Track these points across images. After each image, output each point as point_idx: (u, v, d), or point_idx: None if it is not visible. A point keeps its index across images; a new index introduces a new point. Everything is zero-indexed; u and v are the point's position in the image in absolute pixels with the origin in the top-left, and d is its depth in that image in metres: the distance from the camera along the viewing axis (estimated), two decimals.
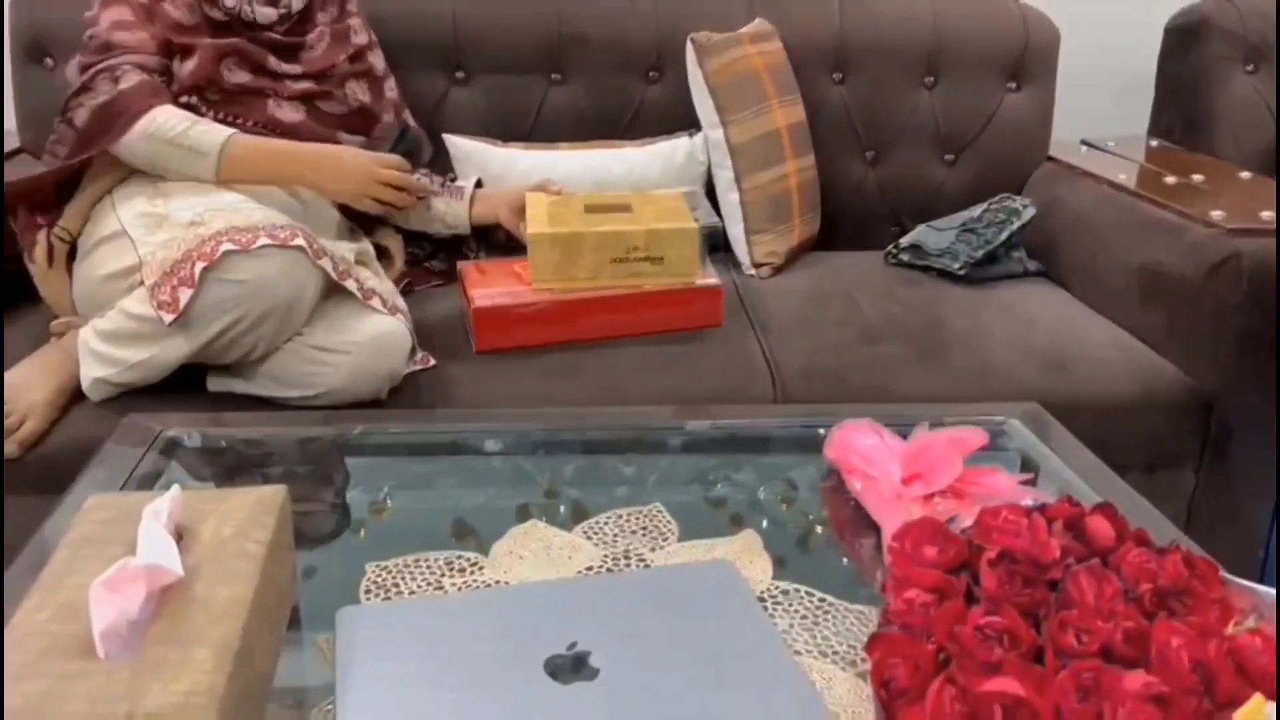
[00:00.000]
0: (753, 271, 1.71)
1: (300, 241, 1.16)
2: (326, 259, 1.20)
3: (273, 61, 1.44)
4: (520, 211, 1.49)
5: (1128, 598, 0.62)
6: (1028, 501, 0.68)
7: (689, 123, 1.73)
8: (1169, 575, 0.63)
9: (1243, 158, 1.97)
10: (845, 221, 1.89)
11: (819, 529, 0.94)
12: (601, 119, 1.79)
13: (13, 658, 0.57)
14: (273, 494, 0.74)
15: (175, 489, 0.70)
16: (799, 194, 1.74)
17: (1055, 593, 0.62)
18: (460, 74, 1.78)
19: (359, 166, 1.41)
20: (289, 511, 0.75)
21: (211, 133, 1.33)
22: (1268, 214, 1.48)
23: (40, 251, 1.35)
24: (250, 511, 0.72)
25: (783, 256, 1.73)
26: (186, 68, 1.38)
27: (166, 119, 1.31)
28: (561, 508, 0.91)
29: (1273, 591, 0.64)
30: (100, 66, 1.33)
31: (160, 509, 0.68)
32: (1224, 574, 0.66)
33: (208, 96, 1.39)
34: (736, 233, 1.72)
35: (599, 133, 1.76)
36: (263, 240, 1.14)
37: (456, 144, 1.70)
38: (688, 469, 1.10)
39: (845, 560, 0.90)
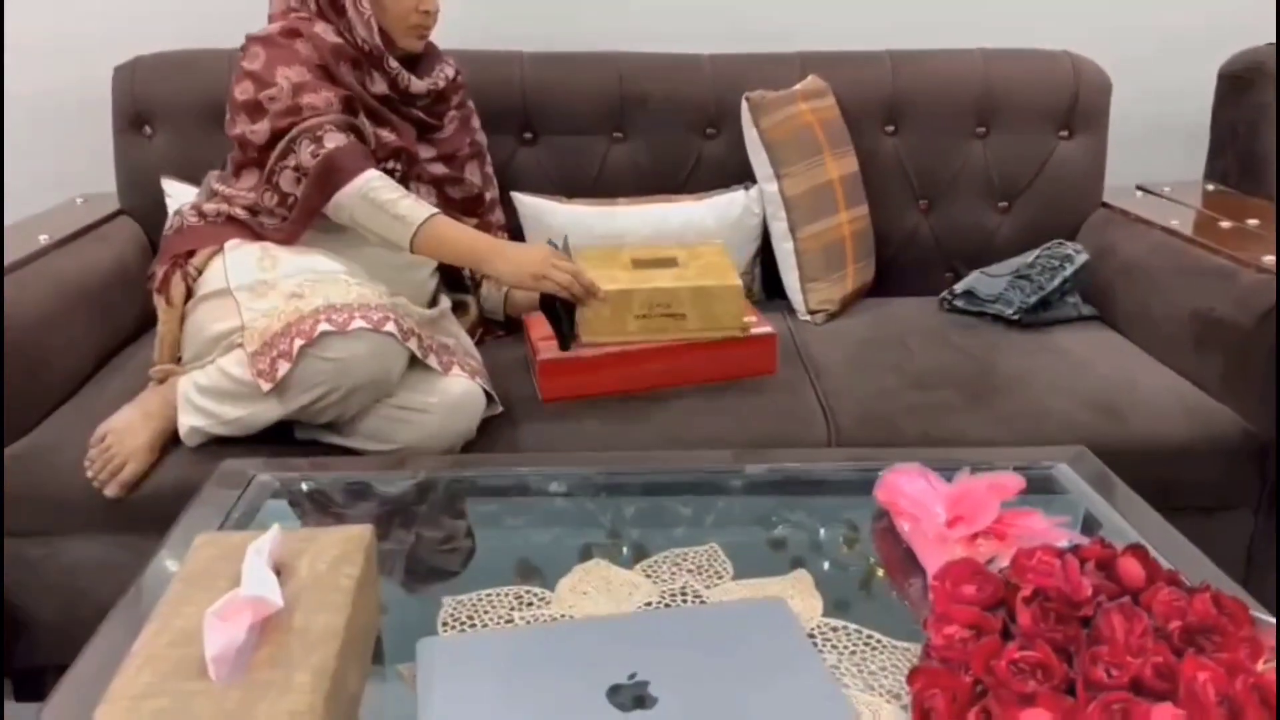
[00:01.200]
0: (808, 318, 1.76)
1: (391, 327, 1.24)
2: (414, 339, 1.28)
3: (412, 141, 1.51)
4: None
5: (1158, 635, 0.65)
6: (1062, 543, 0.71)
7: (745, 176, 1.80)
8: (1198, 613, 0.66)
9: None
10: (900, 268, 1.93)
11: (869, 569, 0.98)
12: (660, 174, 1.86)
13: (138, 679, 0.64)
14: (360, 533, 0.81)
15: (275, 528, 0.77)
16: (852, 242, 1.79)
17: (1087, 629, 0.66)
18: (528, 134, 1.87)
19: (540, 254, 1.38)
20: (374, 549, 0.82)
21: (418, 208, 1.37)
22: None
23: (175, 290, 1.41)
24: (341, 549, 0.79)
25: (837, 303, 1.77)
26: (382, 136, 1.44)
27: (382, 183, 1.37)
28: (623, 547, 0.97)
29: None
30: (301, 129, 1.36)
31: (261, 547, 0.75)
32: (1254, 613, 0.69)
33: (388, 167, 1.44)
34: (791, 281, 1.77)
35: (658, 187, 1.83)
36: (357, 323, 1.22)
37: (523, 201, 1.78)
38: (743, 511, 1.15)
39: (894, 598, 0.94)
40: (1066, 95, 1.91)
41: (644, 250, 1.54)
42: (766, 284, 1.88)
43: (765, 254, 1.84)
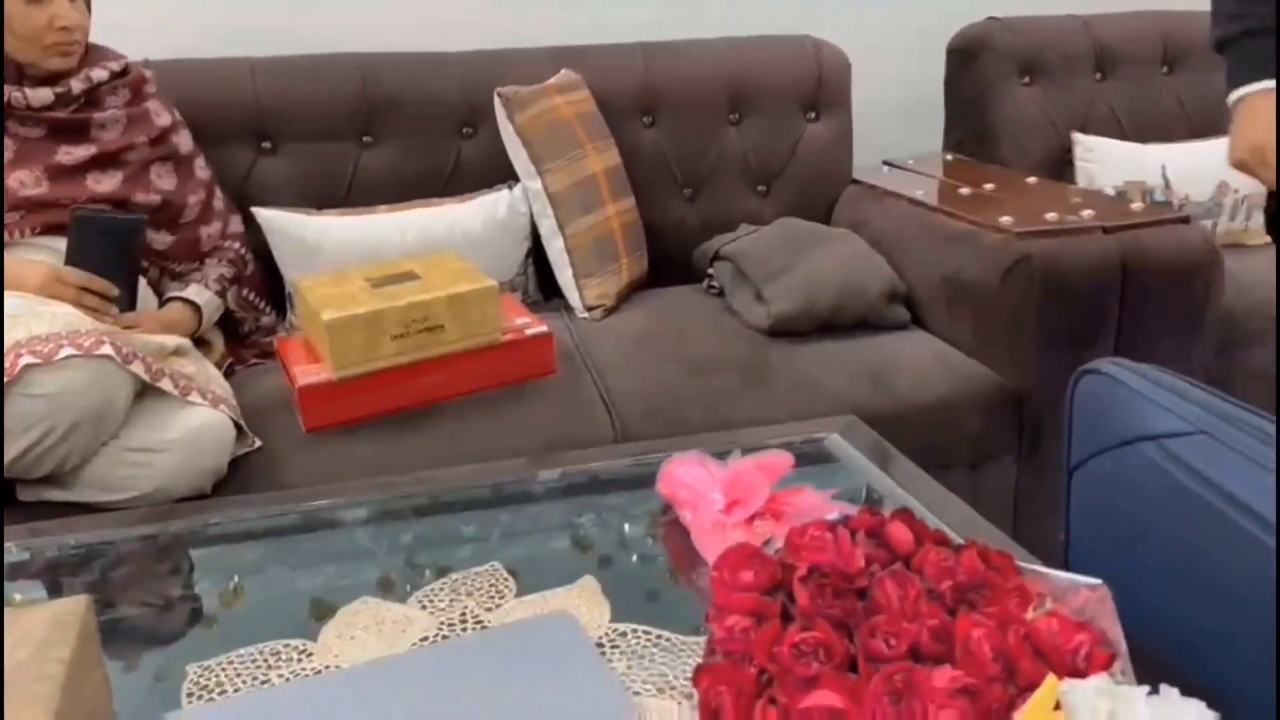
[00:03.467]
0: (585, 315, 1.73)
1: (107, 350, 1.11)
2: (137, 362, 1.15)
3: (62, 152, 1.38)
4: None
5: (931, 597, 0.65)
6: (833, 515, 0.70)
7: (508, 175, 1.75)
8: (967, 571, 0.66)
9: (1029, 164, 2.12)
10: (672, 258, 1.94)
11: (657, 567, 0.95)
12: (419, 178, 1.78)
13: None
14: (72, 607, 0.70)
15: None
16: (622, 235, 1.77)
17: (864, 600, 0.65)
18: (266, 144, 1.74)
19: (37, 280, 1.26)
20: (94, 622, 0.71)
21: None
22: (1052, 215, 1.59)
23: None
24: (48, 629, 0.67)
25: (613, 298, 1.75)
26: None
27: None
28: (396, 580, 0.89)
29: (1062, 574, 0.68)
30: None
31: None
32: (1019, 562, 0.70)
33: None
34: (566, 278, 1.73)
35: (418, 192, 1.76)
36: (66, 350, 1.08)
37: (266, 216, 1.66)
38: (527, 522, 1.09)
39: (684, 594, 0.91)
40: (810, 78, 1.97)
41: (374, 268, 1.44)
42: (542, 284, 1.84)
43: (538, 253, 1.80)
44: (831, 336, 1.62)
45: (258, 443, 1.31)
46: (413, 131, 1.78)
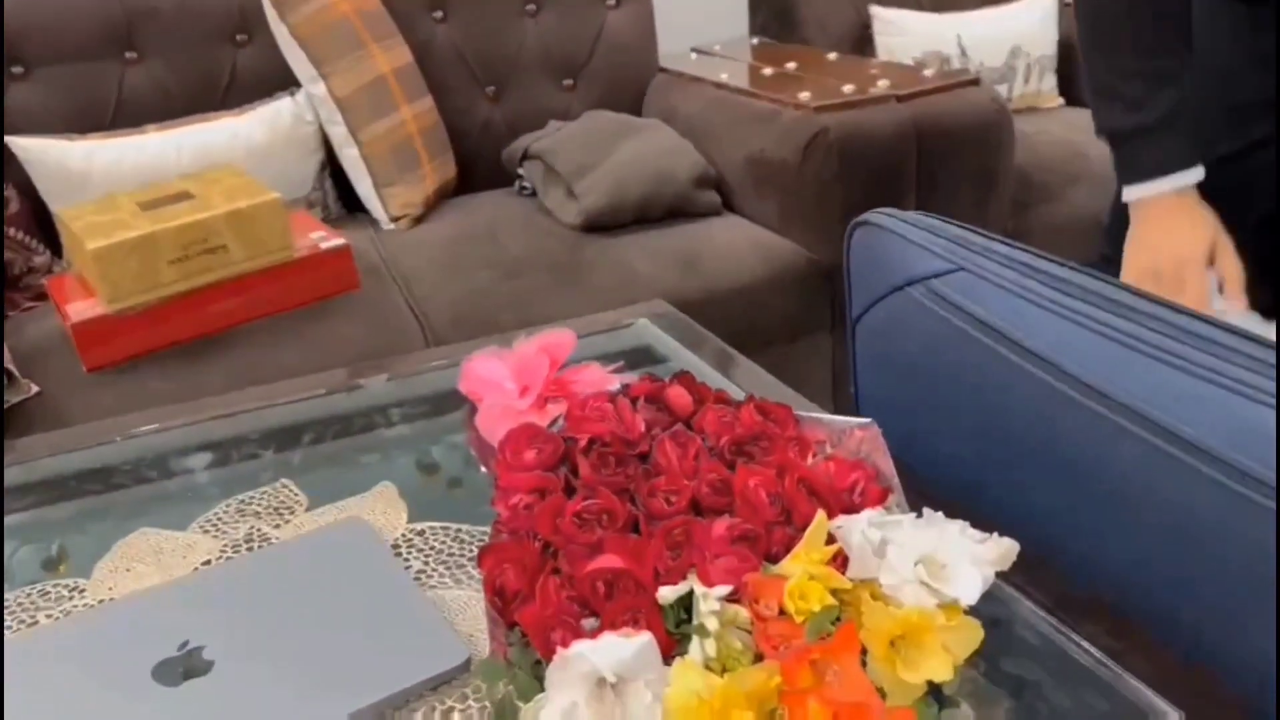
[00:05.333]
0: (391, 226, 1.66)
1: None
2: None
3: None
4: None
5: (711, 454, 0.65)
6: (614, 386, 0.69)
7: (289, 82, 1.64)
8: (745, 425, 0.67)
9: (831, 42, 2.14)
10: (480, 161, 1.88)
11: (457, 466, 0.93)
12: (192, 93, 1.65)
13: None
14: None
15: None
16: (422, 139, 1.70)
17: (646, 465, 0.64)
18: (18, 69, 1.58)
19: None
20: None
21: None
22: (849, 88, 1.61)
23: None
24: None
25: (420, 206, 1.69)
26: None
27: None
28: (178, 510, 0.84)
29: (837, 418, 0.69)
30: None
31: None
32: (800, 413, 0.70)
33: None
34: (365, 188, 1.66)
35: (192, 107, 1.63)
36: None
37: (23, 146, 1.51)
38: (326, 439, 1.04)
39: (485, 490, 0.89)
40: None
41: (147, 191, 1.33)
42: (343, 197, 1.75)
43: (334, 166, 1.71)
44: (644, 228, 1.61)
45: (35, 389, 1.21)
46: (180, 42, 1.64)
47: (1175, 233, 0.92)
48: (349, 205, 1.75)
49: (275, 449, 1.00)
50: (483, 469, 0.91)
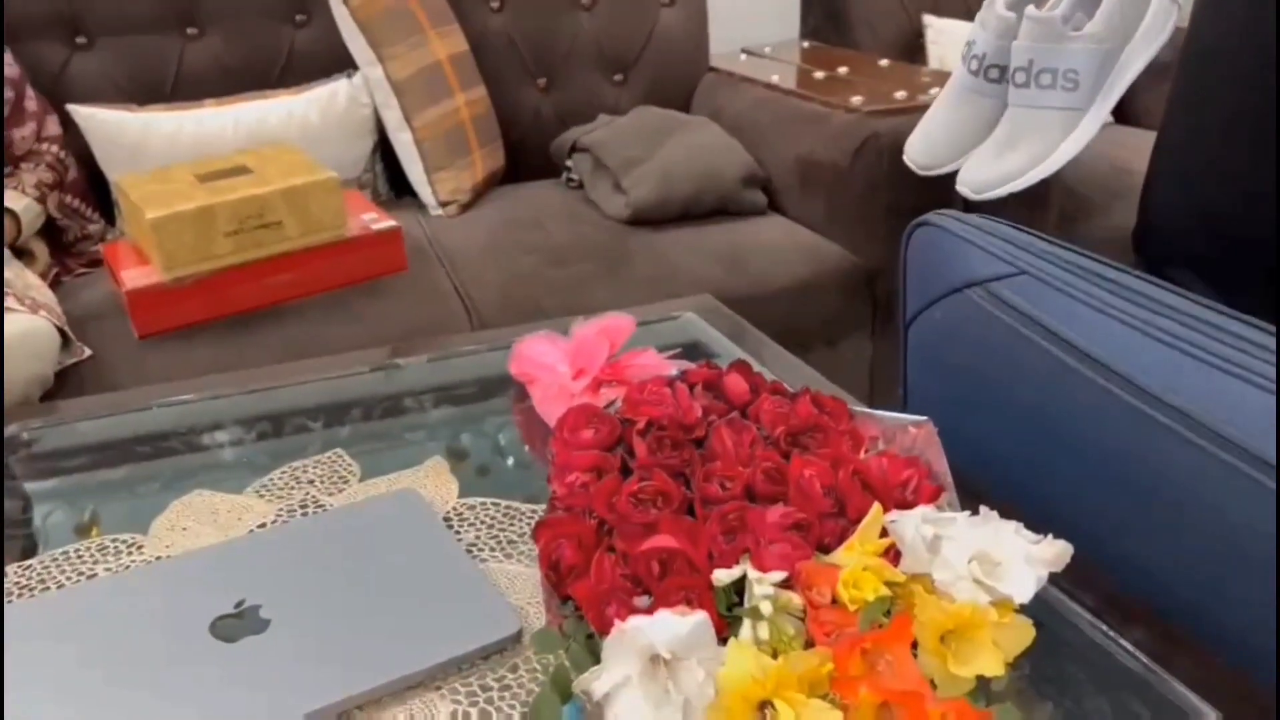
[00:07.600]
0: (439, 211, 1.68)
1: None
2: None
3: None
4: None
5: (766, 443, 0.66)
6: (671, 372, 0.70)
7: (346, 64, 1.66)
8: (801, 416, 0.67)
9: (881, 47, 2.14)
10: (528, 151, 1.89)
11: (508, 445, 0.94)
12: (250, 70, 1.68)
13: None
14: None
15: None
16: (474, 127, 1.71)
17: (701, 450, 0.65)
18: (81, 39, 1.61)
19: None
20: None
21: None
22: (901, 94, 1.61)
23: None
24: None
25: (468, 193, 1.70)
26: None
27: None
28: (231, 476, 0.86)
29: (891, 414, 0.69)
30: None
31: None
32: (854, 407, 0.71)
33: None
34: (416, 173, 1.67)
35: (249, 84, 1.65)
36: None
37: (85, 115, 1.54)
38: (377, 414, 1.06)
39: (535, 469, 0.90)
40: None
41: (205, 164, 1.35)
42: (393, 182, 1.77)
43: (386, 150, 1.73)
44: (690, 224, 1.62)
45: (87, 352, 1.24)
46: (240, 20, 1.67)
47: None
48: (397, 189, 1.77)
49: (324, 423, 1.02)
50: (527, 449, 0.93)
